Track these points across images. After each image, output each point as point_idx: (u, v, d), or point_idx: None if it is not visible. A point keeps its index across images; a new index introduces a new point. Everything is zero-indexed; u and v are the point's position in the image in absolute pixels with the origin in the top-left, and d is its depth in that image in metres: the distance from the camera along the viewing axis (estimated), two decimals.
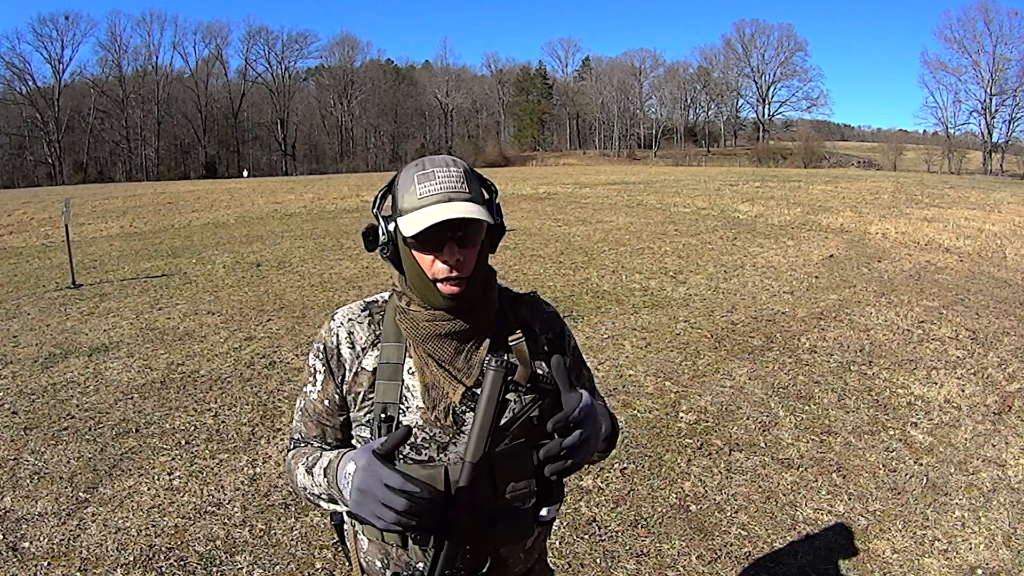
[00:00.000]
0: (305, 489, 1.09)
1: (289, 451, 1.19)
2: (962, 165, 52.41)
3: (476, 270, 1.06)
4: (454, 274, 1.02)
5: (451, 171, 1.03)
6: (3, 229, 14.47)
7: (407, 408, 1.07)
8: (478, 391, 1.05)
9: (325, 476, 1.03)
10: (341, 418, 1.15)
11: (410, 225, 1.00)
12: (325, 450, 1.13)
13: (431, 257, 1.03)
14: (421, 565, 1.02)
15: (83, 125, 60.21)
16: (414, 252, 1.04)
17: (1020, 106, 54.13)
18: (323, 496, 1.06)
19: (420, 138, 70.68)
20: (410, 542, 1.06)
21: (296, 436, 1.19)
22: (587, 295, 7.13)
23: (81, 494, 3.16)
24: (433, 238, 1.01)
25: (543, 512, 1.10)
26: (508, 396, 1.00)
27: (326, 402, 1.14)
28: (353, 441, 1.15)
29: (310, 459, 1.09)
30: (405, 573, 1.07)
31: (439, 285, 1.03)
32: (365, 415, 1.10)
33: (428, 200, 1.00)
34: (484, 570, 1.06)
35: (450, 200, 1.00)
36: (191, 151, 64.89)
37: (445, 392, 1.07)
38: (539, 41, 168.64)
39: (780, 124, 76.87)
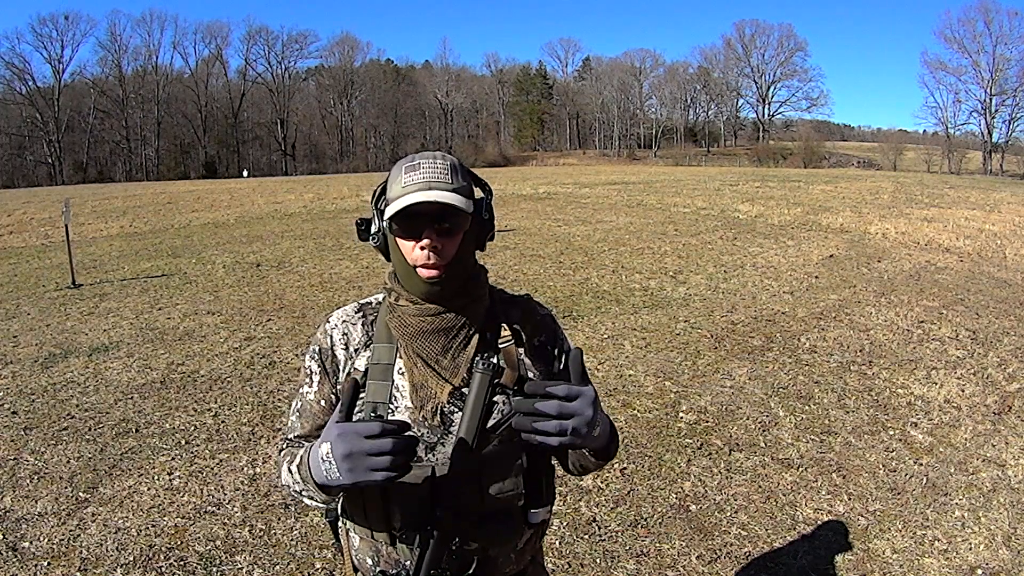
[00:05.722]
0: (288, 487, 1.09)
1: (280, 451, 1.19)
2: (962, 165, 52.42)
3: (457, 260, 1.07)
4: (432, 260, 1.04)
5: (437, 163, 1.05)
6: (3, 229, 14.48)
7: (396, 408, 1.08)
8: (465, 390, 1.06)
9: (299, 472, 1.02)
10: None
11: (390, 210, 1.03)
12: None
13: (412, 243, 1.05)
14: (409, 563, 1.03)
15: (83, 125, 60.20)
16: (397, 240, 1.07)
17: (1020, 106, 54.19)
18: (304, 493, 1.05)
19: (420, 138, 70.63)
20: (398, 541, 1.07)
21: (291, 436, 1.19)
22: (587, 295, 7.13)
23: (81, 494, 3.16)
24: (413, 224, 1.03)
25: (532, 514, 1.10)
26: (495, 399, 1.01)
27: (323, 402, 1.16)
28: None
29: (292, 458, 1.09)
30: (393, 571, 1.07)
31: (418, 270, 1.06)
32: (356, 414, 1.10)
33: (411, 188, 1.02)
34: (471, 570, 1.06)
35: (430, 188, 1.02)
36: (191, 151, 64.86)
37: (433, 392, 1.08)
38: (539, 41, 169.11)
39: (780, 124, 76.90)
